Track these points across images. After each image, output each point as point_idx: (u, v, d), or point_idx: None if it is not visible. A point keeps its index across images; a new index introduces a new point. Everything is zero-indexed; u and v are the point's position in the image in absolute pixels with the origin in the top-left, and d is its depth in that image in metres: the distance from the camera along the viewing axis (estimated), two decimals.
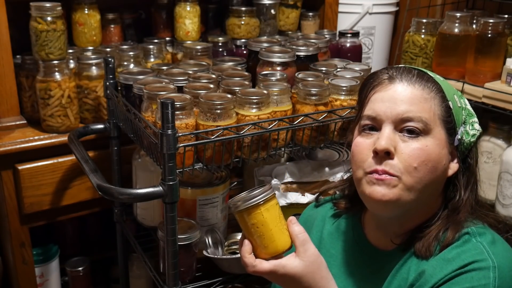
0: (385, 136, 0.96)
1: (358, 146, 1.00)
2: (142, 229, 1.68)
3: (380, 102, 0.98)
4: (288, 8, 2.02)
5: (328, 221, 1.19)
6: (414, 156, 0.95)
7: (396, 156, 0.95)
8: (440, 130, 0.98)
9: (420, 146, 0.95)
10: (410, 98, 0.97)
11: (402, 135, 0.96)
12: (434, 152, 0.96)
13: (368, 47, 2.30)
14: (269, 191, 0.98)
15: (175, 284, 1.28)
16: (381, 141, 0.95)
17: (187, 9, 1.82)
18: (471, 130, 1.02)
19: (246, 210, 0.97)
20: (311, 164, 1.61)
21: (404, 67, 1.02)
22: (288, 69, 1.48)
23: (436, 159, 0.96)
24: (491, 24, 1.71)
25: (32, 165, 1.55)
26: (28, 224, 1.61)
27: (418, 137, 0.96)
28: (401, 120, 0.96)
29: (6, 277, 1.77)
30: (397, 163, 0.95)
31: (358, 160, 0.99)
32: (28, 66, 1.63)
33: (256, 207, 0.96)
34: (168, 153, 1.15)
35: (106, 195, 1.24)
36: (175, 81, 1.40)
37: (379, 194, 0.95)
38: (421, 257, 0.98)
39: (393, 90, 0.98)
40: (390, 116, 0.97)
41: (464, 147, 1.02)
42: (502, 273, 0.92)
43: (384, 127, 0.97)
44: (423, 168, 0.95)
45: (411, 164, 0.94)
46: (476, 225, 1.00)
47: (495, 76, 1.74)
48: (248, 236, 1.00)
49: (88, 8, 1.71)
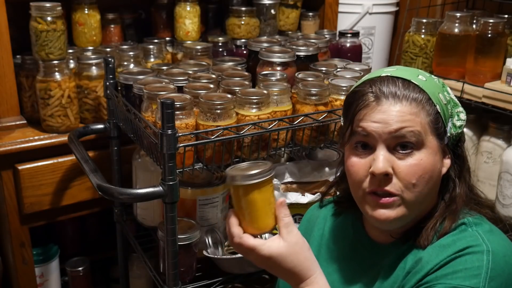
0: (380, 158, 0.96)
1: (354, 166, 1.01)
2: (142, 229, 1.68)
3: (369, 122, 0.98)
4: (288, 8, 2.02)
5: (329, 219, 1.21)
6: (411, 173, 0.96)
7: (394, 175, 0.97)
8: (431, 138, 0.98)
9: (415, 162, 0.96)
10: (399, 116, 0.96)
11: (397, 152, 0.97)
12: (429, 163, 0.97)
13: (368, 47, 2.30)
14: (269, 171, 0.97)
15: (175, 284, 1.28)
16: (378, 164, 0.96)
17: (187, 9, 1.82)
18: (457, 121, 1.03)
19: (242, 186, 0.97)
20: (311, 164, 1.61)
21: (387, 79, 1.00)
22: (288, 69, 1.48)
23: (432, 168, 0.98)
24: (491, 24, 1.71)
25: (32, 165, 1.55)
26: (28, 224, 1.61)
27: (412, 152, 0.97)
28: (394, 138, 0.96)
29: (6, 277, 1.77)
30: (397, 182, 0.97)
31: (356, 180, 1.01)
32: (28, 66, 1.63)
33: (253, 185, 0.96)
34: (168, 153, 1.15)
35: (106, 195, 1.24)
36: (175, 81, 1.40)
37: (383, 217, 0.98)
38: (420, 247, 1.00)
39: (382, 111, 0.97)
40: (382, 135, 0.97)
41: (453, 140, 1.03)
42: (496, 257, 0.93)
43: (379, 148, 0.97)
44: (421, 182, 0.97)
45: (410, 181, 0.96)
46: (473, 216, 1.02)
47: (495, 76, 1.74)
48: (238, 208, 1.01)
49: (88, 8, 1.71)
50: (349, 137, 1.02)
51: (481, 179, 1.78)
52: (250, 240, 0.98)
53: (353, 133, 1.00)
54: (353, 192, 1.04)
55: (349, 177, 1.03)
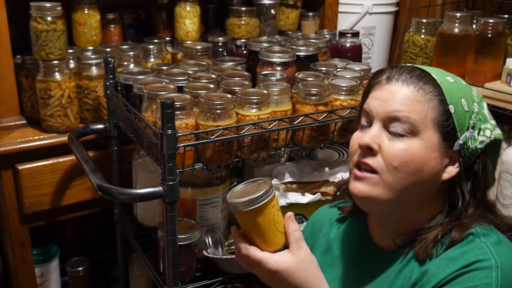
0: (371, 133, 0.98)
1: (352, 139, 1.03)
2: (142, 229, 1.68)
3: (374, 99, 1.00)
4: (288, 8, 2.02)
5: (335, 224, 1.20)
6: (395, 156, 0.95)
7: (379, 153, 0.97)
8: (431, 133, 0.96)
9: (403, 147, 0.95)
10: (401, 99, 0.97)
11: (389, 133, 0.97)
12: (419, 154, 0.95)
13: (368, 47, 2.30)
14: (269, 192, 0.97)
15: (175, 284, 1.28)
16: (364, 137, 0.98)
17: (187, 9, 1.82)
18: (480, 136, 0.99)
19: (245, 212, 0.96)
20: (311, 164, 1.61)
21: (407, 67, 1.02)
22: (288, 69, 1.48)
23: (421, 161, 0.96)
24: (491, 24, 1.71)
25: (32, 165, 1.55)
26: (28, 224, 1.61)
27: (403, 138, 0.96)
28: (388, 118, 0.97)
29: (6, 277, 1.77)
30: (380, 160, 0.96)
31: (351, 153, 1.03)
32: (28, 66, 1.63)
33: (256, 210, 0.96)
34: (168, 153, 1.15)
35: (106, 195, 1.24)
36: (175, 81, 1.40)
37: (356, 190, 0.99)
38: (420, 260, 0.98)
39: (388, 90, 0.99)
40: (380, 113, 0.98)
41: (468, 153, 0.99)
42: (505, 272, 0.91)
43: (374, 124, 0.99)
44: (404, 169, 0.95)
45: (391, 163, 0.95)
46: (482, 226, 0.98)
47: (495, 76, 1.75)
48: (246, 231, 1.01)
49: (88, 8, 1.71)
50: (359, 117, 1.05)
51: None
52: (258, 253, 0.98)
53: (361, 112, 1.04)
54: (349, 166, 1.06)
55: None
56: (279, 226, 0.99)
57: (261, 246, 0.99)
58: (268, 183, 0.99)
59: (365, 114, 1.01)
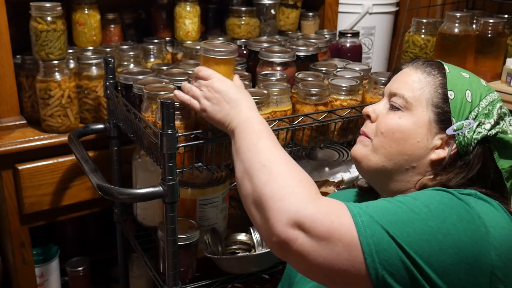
0: (375, 105, 1.12)
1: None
2: (142, 229, 1.68)
3: (390, 81, 1.14)
4: (288, 8, 2.02)
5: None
6: (383, 123, 1.07)
7: (375, 122, 1.09)
8: (424, 111, 1.04)
9: (393, 117, 1.06)
10: (404, 78, 1.08)
11: (390, 107, 1.09)
12: (405, 126, 1.04)
13: (368, 47, 2.30)
14: (233, 52, 1.20)
15: (175, 284, 1.28)
16: (368, 107, 1.12)
17: (187, 9, 1.82)
18: (478, 128, 1.02)
19: (203, 57, 1.20)
20: (311, 164, 1.61)
21: (426, 60, 1.12)
22: (288, 69, 1.48)
23: (407, 133, 1.04)
24: (491, 24, 1.72)
25: (32, 165, 1.55)
26: (28, 224, 1.61)
27: (397, 111, 1.06)
28: (389, 94, 1.10)
29: (6, 277, 1.77)
30: (373, 127, 1.09)
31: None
32: (28, 66, 1.63)
33: (213, 59, 1.19)
34: (168, 153, 1.15)
35: (106, 195, 1.24)
36: (175, 81, 1.40)
37: (353, 153, 1.11)
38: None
39: (401, 73, 1.11)
40: (387, 90, 1.12)
41: (465, 141, 1.02)
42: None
43: (383, 99, 1.12)
44: (389, 135, 1.05)
45: (380, 128, 1.07)
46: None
47: (495, 76, 1.75)
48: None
49: (88, 8, 1.71)
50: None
51: None
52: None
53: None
54: None
55: None
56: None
57: None
58: (233, 48, 1.22)
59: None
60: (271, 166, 0.94)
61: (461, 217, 0.87)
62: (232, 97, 1.10)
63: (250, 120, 1.06)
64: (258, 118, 1.07)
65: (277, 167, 0.94)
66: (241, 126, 1.06)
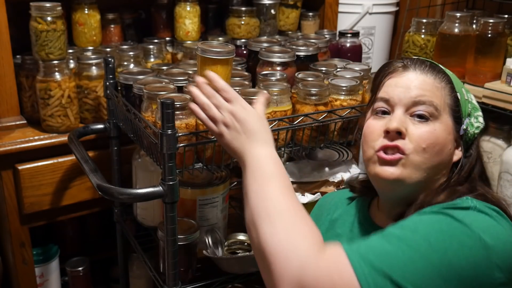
0: (397, 118, 1.01)
1: (370, 127, 1.06)
2: (142, 229, 1.68)
3: (394, 87, 1.04)
4: (288, 8, 2.02)
5: (341, 205, 1.24)
6: (423, 138, 1.00)
7: (406, 137, 1.00)
8: (447, 117, 1.03)
9: (429, 129, 1.00)
10: (422, 85, 1.03)
11: (413, 118, 1.02)
12: (441, 136, 1.01)
13: (368, 47, 2.30)
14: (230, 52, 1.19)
15: (175, 284, 1.28)
16: (393, 122, 1.01)
17: (187, 9, 1.82)
18: (475, 122, 1.07)
19: (200, 57, 1.19)
20: (311, 164, 1.61)
21: (417, 59, 1.08)
22: (288, 69, 1.48)
23: (443, 143, 1.01)
24: (491, 24, 1.71)
25: (32, 165, 1.55)
26: (28, 224, 1.61)
27: (427, 121, 1.01)
28: (413, 103, 1.02)
29: (6, 277, 1.77)
30: (408, 142, 1.00)
31: (369, 140, 1.04)
32: (28, 66, 1.63)
33: (210, 60, 1.18)
34: (168, 153, 1.15)
35: (106, 195, 1.24)
36: (175, 81, 1.40)
37: (387, 173, 1.01)
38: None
39: (407, 77, 1.04)
40: (403, 99, 1.02)
41: (468, 138, 1.07)
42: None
43: (396, 110, 1.03)
44: (431, 150, 1.00)
45: (420, 145, 1.00)
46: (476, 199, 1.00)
47: (495, 76, 1.75)
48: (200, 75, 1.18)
49: (88, 8, 1.71)
50: (371, 104, 1.07)
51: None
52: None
53: (376, 100, 1.06)
54: (364, 153, 1.06)
55: (363, 139, 1.07)
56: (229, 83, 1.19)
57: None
58: (231, 48, 1.21)
59: (384, 101, 1.05)
60: (275, 217, 0.92)
61: (462, 244, 0.86)
62: (250, 128, 1.04)
63: (263, 159, 1.02)
64: (272, 156, 1.03)
65: (281, 220, 0.91)
66: (253, 164, 1.01)
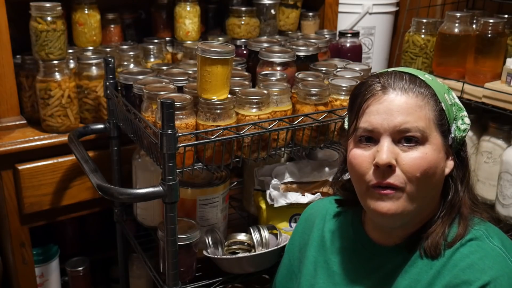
0: (385, 149, 0.95)
1: (357, 158, 0.99)
2: (142, 229, 1.68)
3: (376, 115, 0.97)
4: (288, 8, 2.02)
5: (329, 220, 1.19)
6: (415, 166, 0.95)
7: (398, 167, 0.95)
8: (435, 135, 0.98)
9: (420, 155, 0.95)
10: (405, 108, 0.96)
11: (401, 145, 0.96)
12: (433, 159, 0.96)
13: (368, 47, 2.30)
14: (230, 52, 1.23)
15: (175, 284, 1.28)
16: (382, 155, 0.95)
17: (187, 9, 1.82)
18: (461, 125, 1.03)
19: (200, 57, 1.22)
20: (311, 164, 1.61)
21: (394, 73, 1.01)
22: (288, 69, 1.48)
23: (435, 164, 0.97)
24: (491, 24, 1.71)
25: (32, 165, 1.55)
26: (28, 224, 1.61)
27: (416, 146, 0.96)
28: (398, 131, 0.96)
29: (6, 277, 1.77)
30: (400, 174, 0.95)
31: (359, 173, 0.99)
32: (28, 66, 1.63)
33: (210, 60, 1.21)
34: (168, 153, 1.15)
35: (106, 195, 1.24)
36: (175, 81, 1.40)
37: (384, 209, 0.96)
38: (430, 256, 0.99)
39: (388, 102, 0.97)
40: (387, 128, 0.96)
41: (457, 143, 1.03)
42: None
43: (383, 140, 0.97)
44: (425, 176, 0.96)
45: (414, 174, 0.95)
46: (479, 222, 1.01)
47: (495, 76, 1.74)
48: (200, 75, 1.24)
49: (88, 8, 1.71)
50: (353, 131, 1.01)
51: (481, 179, 1.78)
52: None
53: (357, 128, 0.99)
54: (356, 186, 1.02)
55: (351, 170, 1.02)
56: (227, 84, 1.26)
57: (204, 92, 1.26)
58: (231, 48, 1.25)
59: (367, 131, 0.98)
60: None
61: None
62: None
63: None
64: None
65: None
66: None
